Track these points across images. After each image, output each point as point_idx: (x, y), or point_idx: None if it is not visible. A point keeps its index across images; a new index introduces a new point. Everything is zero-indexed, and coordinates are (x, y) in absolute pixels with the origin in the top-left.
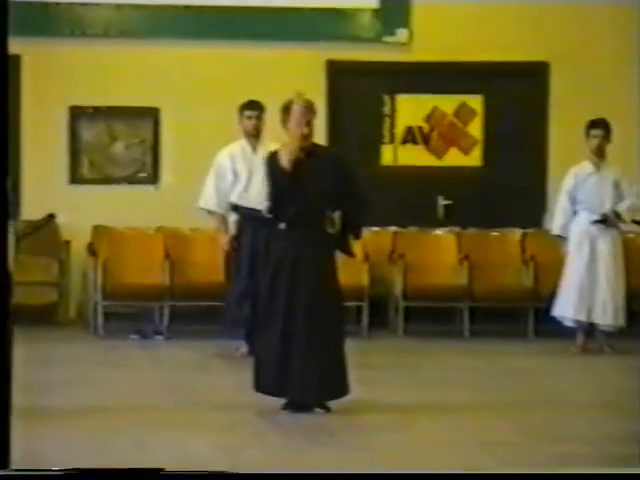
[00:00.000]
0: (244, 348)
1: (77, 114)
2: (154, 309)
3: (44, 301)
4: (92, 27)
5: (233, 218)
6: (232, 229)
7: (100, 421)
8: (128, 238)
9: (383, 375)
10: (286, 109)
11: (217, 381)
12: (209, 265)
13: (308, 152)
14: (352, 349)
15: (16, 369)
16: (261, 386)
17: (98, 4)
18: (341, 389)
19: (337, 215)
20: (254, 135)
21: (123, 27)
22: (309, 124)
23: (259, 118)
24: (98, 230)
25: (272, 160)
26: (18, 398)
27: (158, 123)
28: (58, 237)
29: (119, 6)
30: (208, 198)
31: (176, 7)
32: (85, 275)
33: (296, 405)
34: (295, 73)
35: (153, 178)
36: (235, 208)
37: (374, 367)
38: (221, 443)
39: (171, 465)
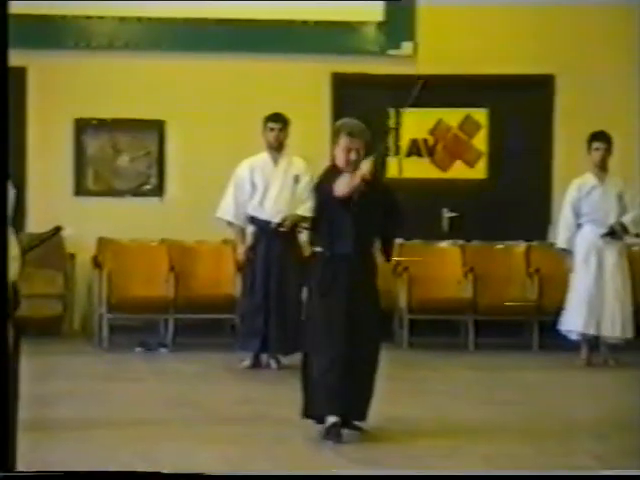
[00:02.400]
0: (248, 361)
1: (82, 126)
2: (159, 322)
3: (49, 313)
4: (96, 39)
5: (250, 229)
6: (249, 240)
7: (105, 434)
8: (133, 250)
9: (387, 388)
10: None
11: (222, 394)
12: (214, 278)
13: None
14: None
15: (21, 381)
16: (317, 409)
17: (102, 16)
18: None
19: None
20: (276, 147)
21: (127, 39)
22: (358, 152)
23: (282, 130)
24: (103, 242)
25: (325, 187)
26: (23, 410)
27: (163, 135)
28: (63, 249)
29: (123, 18)
30: (226, 209)
31: (179, 19)
32: (90, 287)
33: (337, 428)
34: (301, 86)
35: (158, 190)
36: (252, 220)
37: (378, 380)
38: (227, 455)
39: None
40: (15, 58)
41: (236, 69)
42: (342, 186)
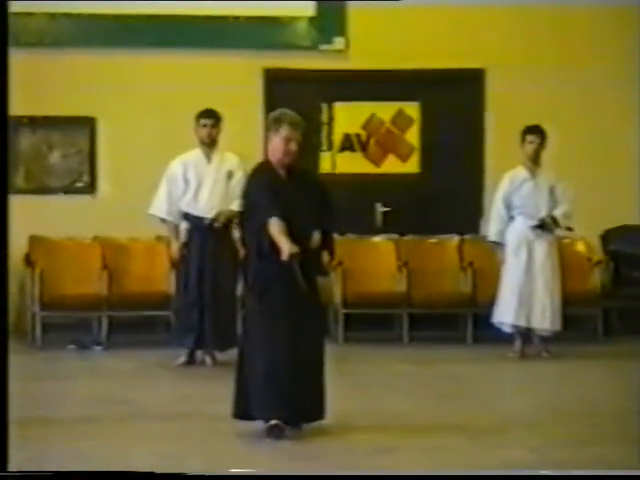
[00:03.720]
0: (183, 357)
1: (12, 124)
2: (92, 319)
3: None
4: (25, 36)
5: (184, 226)
6: (183, 237)
7: (38, 433)
8: (65, 248)
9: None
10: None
11: (157, 391)
12: (147, 275)
13: (290, 169)
14: None
15: None
16: (258, 413)
17: (31, 13)
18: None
19: (316, 233)
20: (208, 144)
21: (57, 36)
22: (297, 143)
23: (214, 126)
24: (35, 240)
25: (265, 171)
26: None
27: (95, 133)
28: None
29: (52, 15)
30: (159, 205)
31: (109, 16)
32: (22, 286)
33: (280, 429)
34: (232, 81)
35: (90, 188)
36: (185, 216)
37: None
38: (162, 453)
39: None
40: None
41: (168, 65)
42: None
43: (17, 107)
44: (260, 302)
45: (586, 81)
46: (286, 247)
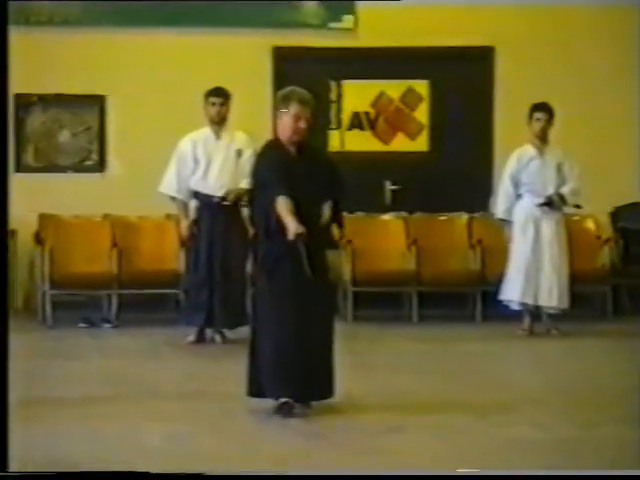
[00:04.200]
0: (192, 336)
1: (22, 102)
2: (102, 297)
3: None
4: (36, 15)
5: (194, 204)
6: (192, 215)
7: (48, 412)
8: (75, 226)
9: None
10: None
11: (167, 369)
12: (157, 253)
13: (299, 146)
14: None
15: None
16: (268, 391)
17: None
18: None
19: (326, 207)
20: (217, 122)
21: (67, 15)
22: (307, 121)
23: (223, 105)
24: (44, 219)
25: (274, 149)
26: None
27: (104, 111)
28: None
29: None
30: (169, 184)
31: None
32: (32, 264)
33: (289, 407)
34: (241, 60)
35: (100, 166)
36: (195, 194)
37: None
38: (172, 432)
39: (123, 455)
40: None
41: (177, 44)
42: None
43: (27, 85)
44: (269, 281)
45: (587, 71)
46: (292, 226)
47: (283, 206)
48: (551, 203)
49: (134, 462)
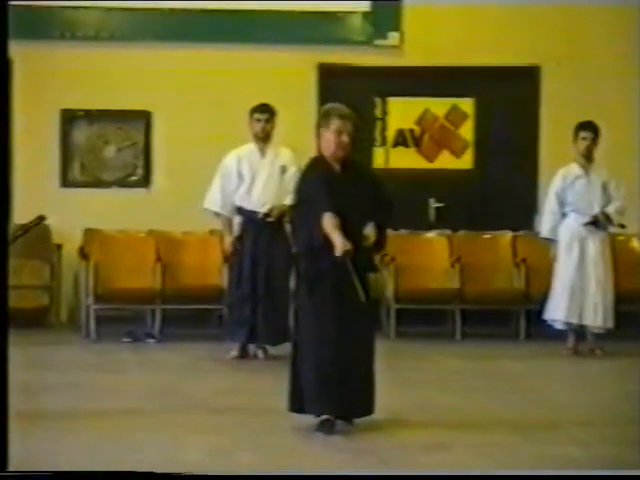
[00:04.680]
0: (235, 351)
1: (68, 117)
2: (146, 312)
3: (36, 305)
4: (82, 30)
5: (238, 220)
6: (236, 231)
7: (93, 424)
8: (119, 241)
9: (376, 378)
10: (325, 116)
11: (209, 384)
12: (201, 268)
13: (344, 163)
14: None
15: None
16: (309, 408)
17: (88, 7)
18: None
19: (371, 227)
20: (262, 138)
21: (113, 30)
22: (349, 135)
23: (268, 121)
24: (89, 233)
25: (318, 166)
26: (11, 402)
27: (150, 126)
28: (49, 240)
29: (109, 9)
30: (213, 199)
31: (165, 10)
32: (76, 278)
33: (331, 424)
34: (287, 76)
35: (145, 181)
36: (239, 210)
37: None
38: (214, 446)
39: (164, 468)
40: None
41: (222, 59)
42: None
43: (73, 101)
44: (310, 297)
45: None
46: (339, 243)
47: (329, 222)
48: (597, 222)
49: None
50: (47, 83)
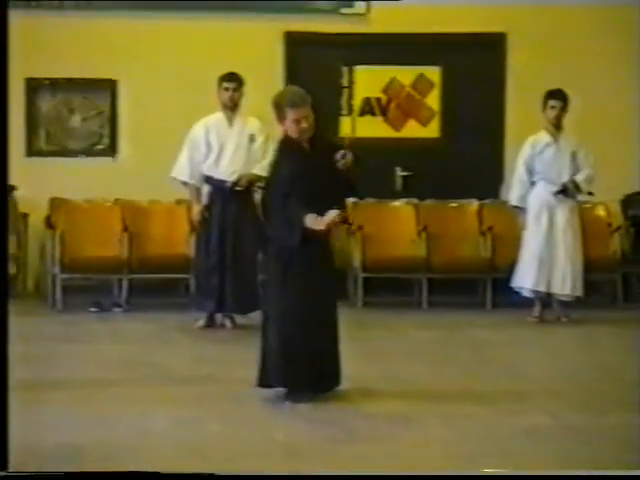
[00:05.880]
0: (202, 320)
1: (33, 86)
2: (113, 282)
3: None
4: None
5: (206, 189)
6: (204, 200)
7: (59, 395)
8: (86, 211)
9: (342, 348)
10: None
11: (177, 354)
12: (167, 238)
13: (312, 140)
14: None
15: None
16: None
17: None
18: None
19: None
20: (230, 107)
21: None
22: (307, 118)
23: (236, 90)
24: (55, 203)
25: (290, 148)
26: None
27: (116, 95)
28: (15, 210)
29: None
30: (181, 169)
31: None
32: (43, 248)
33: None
34: (253, 45)
35: (110, 150)
36: (207, 179)
37: None
38: (181, 416)
39: (132, 439)
40: None
41: (188, 28)
42: (313, 223)
43: (38, 69)
44: (281, 272)
45: (597, 60)
46: (327, 221)
47: (313, 221)
48: (566, 191)
49: (140, 446)
50: (11, 51)
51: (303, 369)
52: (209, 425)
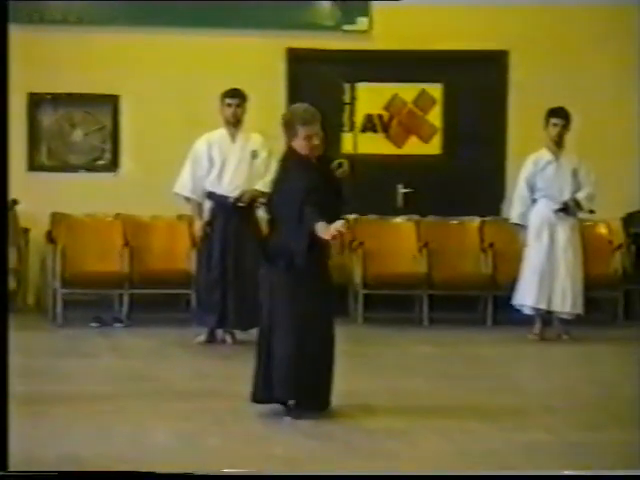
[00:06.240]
0: (203, 336)
1: (36, 101)
2: (114, 297)
3: None
4: (50, 13)
5: (208, 205)
6: (206, 216)
7: (59, 410)
8: (87, 225)
9: (343, 363)
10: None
11: (177, 369)
12: (168, 253)
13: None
14: None
15: None
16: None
17: None
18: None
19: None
20: (233, 123)
21: (81, 14)
22: (318, 135)
23: (239, 106)
24: (57, 217)
25: (298, 161)
26: None
27: (117, 110)
28: (16, 224)
29: None
30: (183, 184)
31: None
32: (44, 262)
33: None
34: (255, 61)
35: (112, 165)
36: (209, 195)
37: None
38: (181, 431)
39: (131, 453)
40: None
41: (191, 44)
42: (322, 231)
43: (40, 84)
44: (289, 285)
45: (601, 79)
46: (334, 230)
47: (323, 229)
48: (567, 208)
49: (140, 460)
50: (14, 66)
51: (315, 382)
52: (209, 439)
